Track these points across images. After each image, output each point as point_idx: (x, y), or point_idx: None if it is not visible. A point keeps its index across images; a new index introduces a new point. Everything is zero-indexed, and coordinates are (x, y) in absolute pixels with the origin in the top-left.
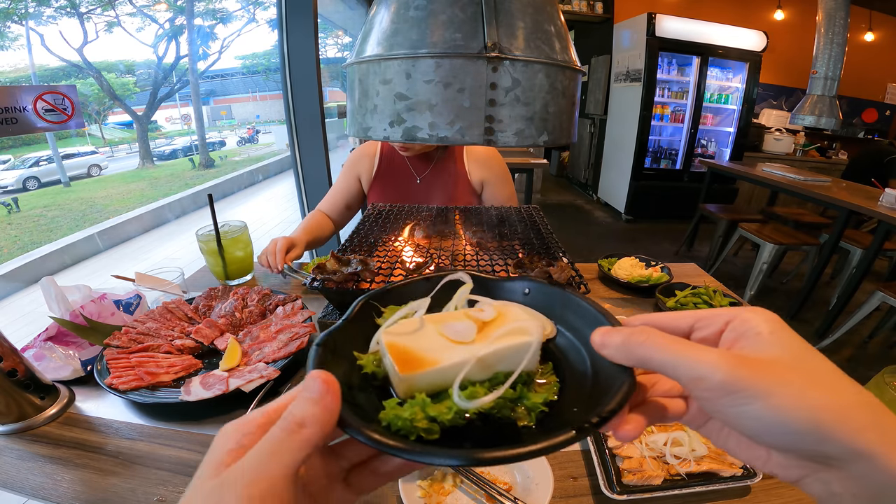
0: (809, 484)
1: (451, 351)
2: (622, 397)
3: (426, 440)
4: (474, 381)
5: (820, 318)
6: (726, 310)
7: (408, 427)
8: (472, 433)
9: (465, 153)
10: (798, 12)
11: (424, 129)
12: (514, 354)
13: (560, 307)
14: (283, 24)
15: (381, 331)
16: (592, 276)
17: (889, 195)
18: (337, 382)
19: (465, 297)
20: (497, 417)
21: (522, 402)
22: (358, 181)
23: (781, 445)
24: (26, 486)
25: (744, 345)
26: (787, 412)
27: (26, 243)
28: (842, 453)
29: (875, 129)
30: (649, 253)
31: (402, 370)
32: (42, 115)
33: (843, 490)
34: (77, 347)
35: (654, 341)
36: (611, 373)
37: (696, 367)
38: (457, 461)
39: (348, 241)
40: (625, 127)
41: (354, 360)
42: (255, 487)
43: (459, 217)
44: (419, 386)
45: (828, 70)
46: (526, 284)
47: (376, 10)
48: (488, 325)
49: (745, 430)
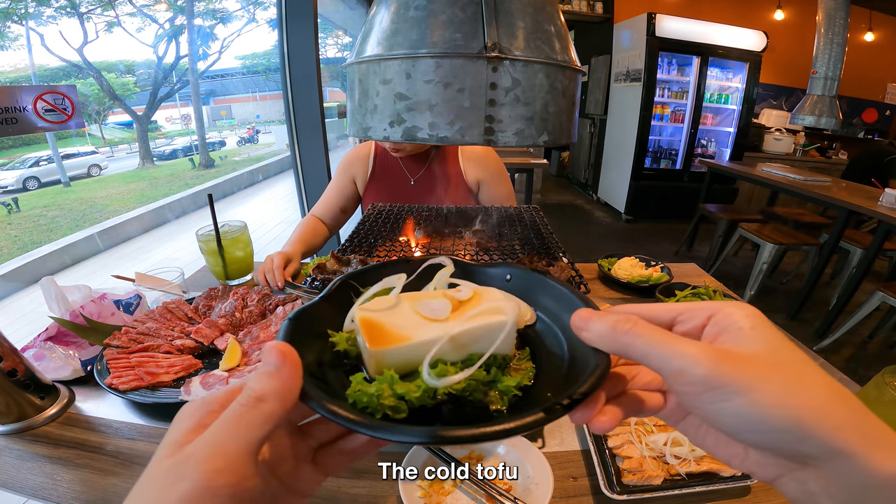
0: (786, 483)
1: (423, 328)
2: (595, 380)
3: (392, 419)
4: (446, 361)
5: (820, 318)
6: (709, 304)
7: (374, 404)
8: (441, 415)
9: (459, 153)
10: (798, 12)
11: (424, 129)
12: (488, 334)
13: (540, 293)
14: (283, 24)
15: (356, 307)
16: (592, 276)
17: (889, 195)
18: (295, 353)
19: (445, 280)
20: (469, 400)
21: (496, 385)
22: (353, 184)
23: (760, 443)
24: (26, 486)
25: (725, 339)
26: (768, 409)
27: (26, 243)
28: (821, 452)
29: (875, 129)
30: (649, 253)
31: (372, 345)
32: (42, 115)
33: (819, 490)
34: (77, 347)
35: (640, 330)
36: (586, 358)
37: (679, 359)
38: (420, 438)
39: (348, 241)
40: (625, 127)
41: (328, 339)
42: (213, 464)
43: (459, 217)
44: (389, 362)
45: (828, 70)
46: (508, 271)
47: (376, 10)
48: (464, 304)
49: (725, 427)
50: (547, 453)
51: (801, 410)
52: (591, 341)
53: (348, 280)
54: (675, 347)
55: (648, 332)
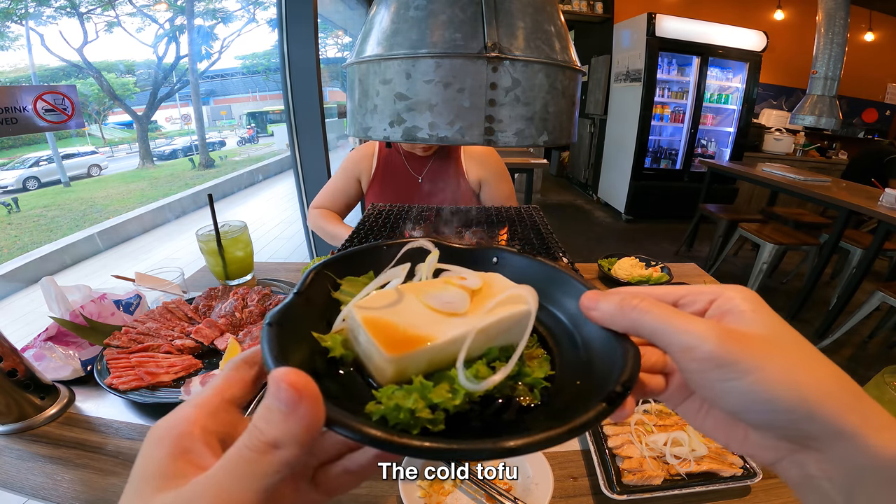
0: (785, 467)
1: (443, 324)
2: (634, 362)
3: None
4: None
5: (820, 318)
6: (710, 287)
7: (407, 419)
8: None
9: (462, 152)
10: (798, 12)
11: (424, 129)
12: (514, 325)
13: (537, 277)
14: (283, 24)
15: (352, 305)
16: (592, 276)
17: (889, 195)
18: (312, 383)
19: (433, 267)
20: (496, 398)
21: (522, 378)
22: (357, 182)
23: (765, 423)
24: (26, 486)
25: (728, 321)
26: (776, 387)
27: (26, 243)
28: (823, 433)
29: (875, 129)
30: (649, 253)
31: (390, 350)
32: (42, 115)
33: (818, 472)
34: (77, 347)
35: (647, 306)
36: (604, 341)
37: (687, 336)
38: (490, 454)
39: (348, 241)
40: (625, 127)
41: (314, 342)
42: None
43: (459, 217)
44: (410, 368)
45: (828, 70)
46: (494, 253)
47: (376, 10)
48: (477, 294)
49: (730, 407)
50: (547, 453)
51: (807, 390)
52: (599, 320)
53: (323, 270)
54: (684, 324)
55: (656, 307)
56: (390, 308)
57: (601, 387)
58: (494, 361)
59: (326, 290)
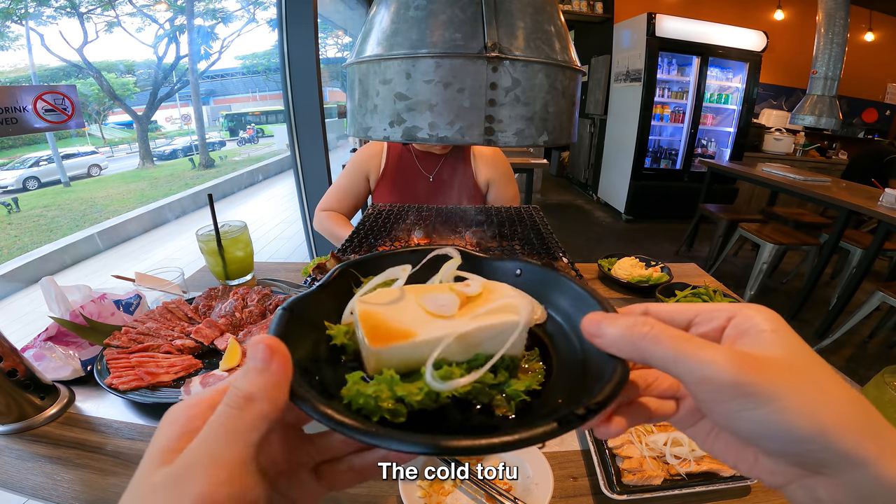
0: (793, 491)
1: (428, 325)
2: (613, 389)
3: (390, 423)
4: (451, 362)
5: (820, 318)
6: (727, 305)
7: (371, 406)
8: (443, 420)
9: (472, 152)
10: (798, 12)
11: (424, 129)
12: (498, 334)
13: (553, 290)
14: (283, 24)
15: (356, 299)
16: (592, 276)
17: (889, 195)
18: (284, 347)
19: (452, 273)
20: (473, 404)
21: (503, 388)
22: (366, 181)
23: (779, 451)
24: (26, 486)
25: (746, 342)
26: (794, 418)
27: (26, 243)
28: (838, 461)
29: (875, 129)
30: (649, 253)
31: (373, 342)
32: (42, 115)
33: (827, 497)
34: (77, 347)
35: (658, 334)
36: (601, 362)
37: (702, 366)
38: (419, 448)
39: (348, 241)
40: (625, 127)
41: (324, 332)
42: (212, 476)
43: (459, 217)
44: (390, 361)
45: (828, 70)
46: (518, 265)
47: (376, 10)
48: (473, 300)
49: (744, 433)
50: (547, 453)
51: (826, 419)
52: (606, 347)
53: (349, 269)
54: (699, 352)
55: (668, 336)
56: (389, 305)
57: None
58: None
59: (350, 287)
